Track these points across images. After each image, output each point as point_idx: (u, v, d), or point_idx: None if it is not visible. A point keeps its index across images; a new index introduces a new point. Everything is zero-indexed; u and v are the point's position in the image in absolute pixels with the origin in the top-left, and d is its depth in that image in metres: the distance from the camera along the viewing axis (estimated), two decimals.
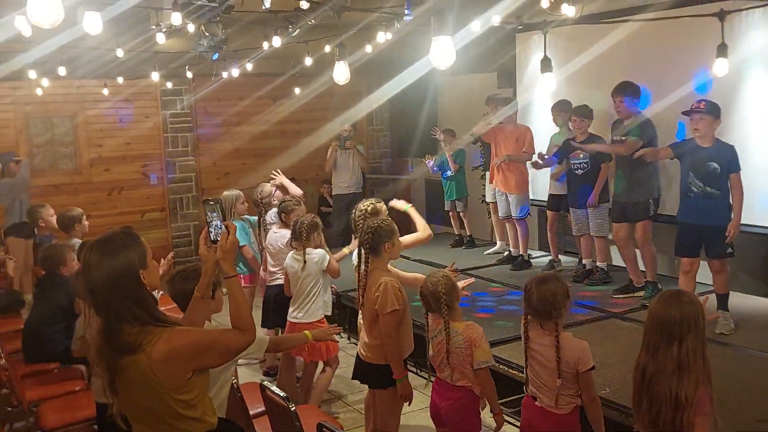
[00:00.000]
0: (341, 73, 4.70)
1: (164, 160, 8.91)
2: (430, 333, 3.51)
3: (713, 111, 4.92)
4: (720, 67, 4.89)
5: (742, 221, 5.46)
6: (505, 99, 7.09)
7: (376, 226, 3.67)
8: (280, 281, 5.04)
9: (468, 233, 8.05)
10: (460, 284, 3.59)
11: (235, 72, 7.29)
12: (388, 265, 3.87)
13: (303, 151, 9.08)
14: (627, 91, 5.67)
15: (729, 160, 4.90)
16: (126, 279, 2.28)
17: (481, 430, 3.52)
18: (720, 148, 4.95)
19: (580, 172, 6.29)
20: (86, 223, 5.60)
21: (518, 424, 4.56)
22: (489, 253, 7.64)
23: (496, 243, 7.73)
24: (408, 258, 6.76)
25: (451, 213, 8.06)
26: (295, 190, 5.91)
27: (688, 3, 5.34)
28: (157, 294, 3.46)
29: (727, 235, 4.92)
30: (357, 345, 4.03)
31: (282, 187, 5.99)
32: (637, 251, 5.93)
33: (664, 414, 2.50)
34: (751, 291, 6.05)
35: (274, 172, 6.20)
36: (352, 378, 4.01)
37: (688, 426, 2.49)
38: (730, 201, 4.97)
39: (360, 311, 3.92)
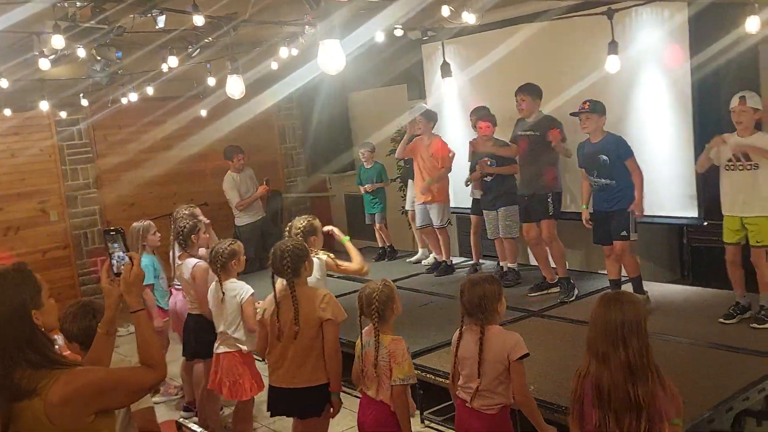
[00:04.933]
0: (235, 88, 4.50)
1: (64, 195, 8.47)
2: (363, 341, 3.44)
3: (597, 109, 5.23)
4: (612, 64, 5.07)
5: (646, 213, 5.70)
6: (429, 111, 7.04)
7: (291, 248, 3.60)
8: (197, 311, 4.79)
9: (388, 244, 8.04)
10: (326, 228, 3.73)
11: (134, 97, 7.01)
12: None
13: (214, 174, 8.77)
14: (531, 90, 5.84)
15: (615, 149, 5.20)
16: (16, 319, 2.14)
17: None
18: (607, 140, 5.24)
19: (489, 178, 6.41)
20: None
21: (449, 431, 4.57)
22: (411, 261, 7.64)
23: (418, 251, 7.73)
24: (331, 276, 6.66)
25: (374, 226, 8.02)
26: None
27: (580, 8, 5.52)
28: (61, 339, 3.22)
29: (630, 212, 5.20)
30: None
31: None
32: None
33: (626, 420, 2.44)
34: (659, 279, 6.29)
35: None
36: (276, 414, 3.78)
37: (656, 429, 2.44)
38: (626, 185, 5.22)
39: (278, 342, 3.67)
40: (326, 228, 4.44)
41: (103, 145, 8.72)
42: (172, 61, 5.21)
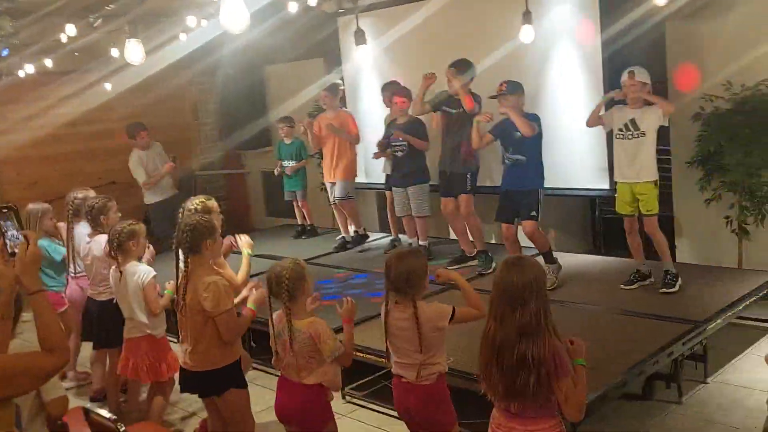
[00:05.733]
0: (134, 53, 4.24)
1: None
2: (275, 330, 3.32)
3: (515, 89, 5.22)
4: (526, 34, 5.10)
5: (560, 185, 5.83)
6: (333, 85, 7.01)
7: (195, 222, 3.48)
8: (105, 297, 4.57)
9: (309, 222, 7.93)
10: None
11: (30, 68, 6.56)
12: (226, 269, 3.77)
13: (120, 152, 8.32)
14: (460, 66, 5.77)
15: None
16: None
17: (333, 419, 3.40)
18: (527, 117, 5.23)
19: (400, 154, 6.36)
20: None
21: (371, 407, 4.56)
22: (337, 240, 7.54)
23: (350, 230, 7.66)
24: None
25: (294, 203, 7.87)
26: None
27: None
28: None
29: (538, 192, 5.24)
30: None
31: None
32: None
33: (516, 378, 2.51)
34: (572, 249, 6.46)
35: None
36: (182, 391, 3.73)
37: (543, 387, 2.51)
38: (536, 164, 5.28)
39: (179, 316, 3.59)
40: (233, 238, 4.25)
41: (1, 122, 8.17)
42: (70, 30, 4.88)
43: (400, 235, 7.08)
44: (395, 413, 4.34)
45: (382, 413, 4.48)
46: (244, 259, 3.99)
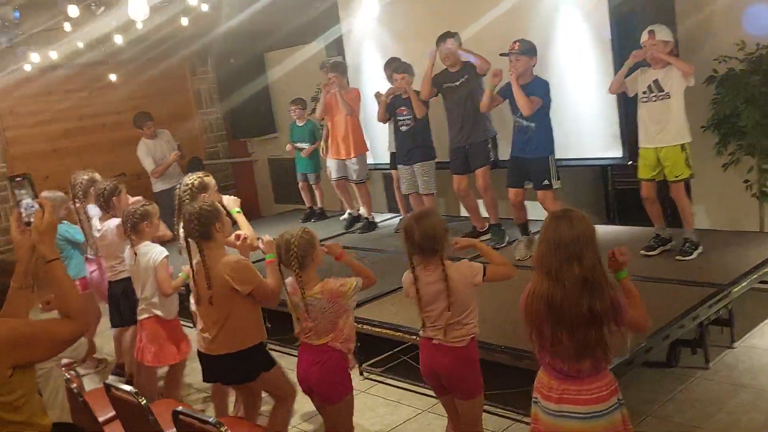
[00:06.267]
0: (138, 9, 4.09)
1: None
2: (292, 301, 3.25)
3: (528, 50, 5.06)
4: None
5: (569, 155, 5.69)
6: (336, 63, 6.93)
7: (198, 210, 3.37)
8: (126, 274, 4.49)
9: (320, 206, 7.87)
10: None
11: (36, 57, 6.51)
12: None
13: (128, 143, 8.26)
14: (451, 34, 5.70)
15: (536, 93, 5.05)
16: None
17: (352, 389, 3.33)
18: (535, 83, 5.11)
19: (404, 128, 6.24)
20: None
21: (389, 382, 4.50)
22: (344, 219, 7.49)
23: (345, 212, 7.60)
24: None
25: (301, 185, 7.81)
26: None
27: None
28: None
29: (549, 160, 5.14)
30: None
31: None
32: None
33: (588, 334, 2.40)
34: None
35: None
36: (206, 380, 3.65)
37: (614, 335, 2.45)
38: (545, 130, 5.15)
39: (197, 305, 3.51)
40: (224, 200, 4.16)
41: (9, 117, 8.16)
42: (73, 11, 4.77)
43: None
44: (414, 387, 4.33)
45: (401, 388, 4.43)
46: (238, 218, 3.92)
